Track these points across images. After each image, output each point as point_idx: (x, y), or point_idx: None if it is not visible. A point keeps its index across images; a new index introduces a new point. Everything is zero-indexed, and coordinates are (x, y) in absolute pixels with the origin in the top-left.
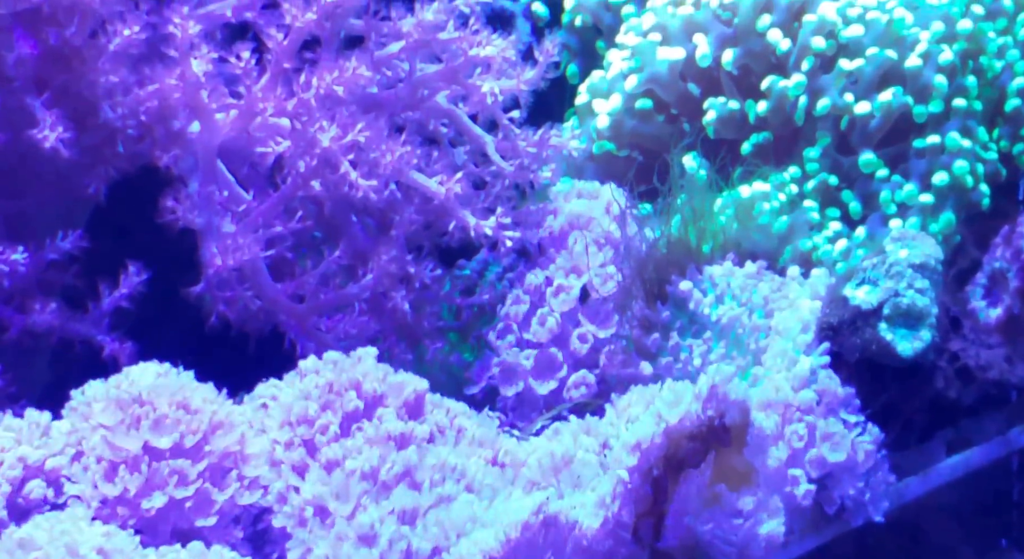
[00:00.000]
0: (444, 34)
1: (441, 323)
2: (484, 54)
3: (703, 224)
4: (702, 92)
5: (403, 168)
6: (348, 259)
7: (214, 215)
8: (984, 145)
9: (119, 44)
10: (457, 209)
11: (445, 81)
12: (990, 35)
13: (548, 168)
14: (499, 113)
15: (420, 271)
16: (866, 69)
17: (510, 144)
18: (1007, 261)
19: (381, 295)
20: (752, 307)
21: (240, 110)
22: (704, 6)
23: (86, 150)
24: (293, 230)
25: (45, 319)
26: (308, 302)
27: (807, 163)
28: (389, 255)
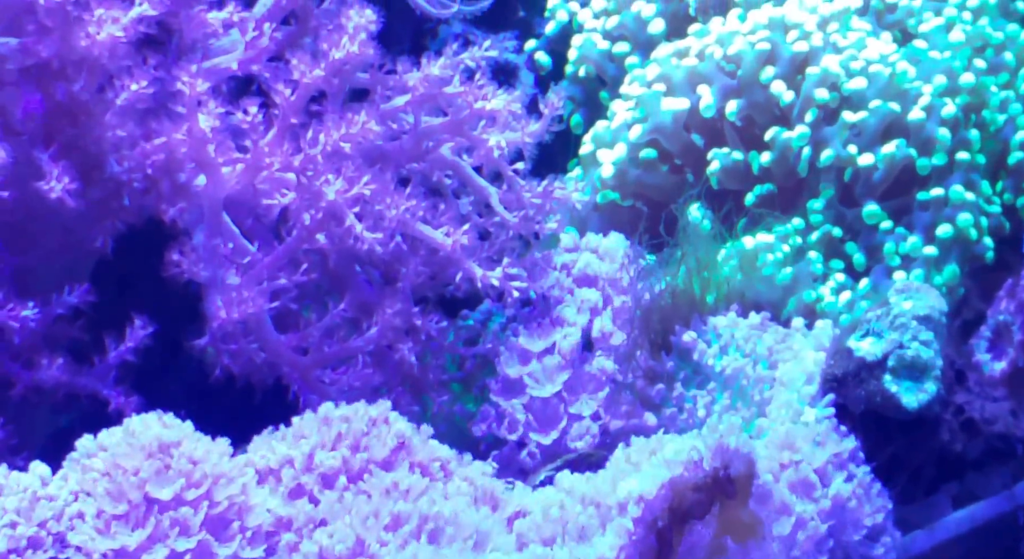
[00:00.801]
0: (450, 88)
1: (446, 376)
2: (490, 107)
3: (707, 275)
4: (706, 143)
5: (409, 220)
6: (353, 311)
7: (219, 268)
8: (988, 198)
9: (126, 99)
10: (464, 260)
11: (450, 133)
12: (992, 89)
13: (553, 219)
14: (503, 165)
15: (426, 323)
16: (869, 121)
17: (514, 195)
18: (1011, 314)
19: (386, 347)
20: (756, 358)
21: (246, 164)
22: (708, 57)
23: (92, 203)
24: (298, 282)
25: (52, 375)
26: (312, 355)
27: (811, 214)
28: (394, 308)
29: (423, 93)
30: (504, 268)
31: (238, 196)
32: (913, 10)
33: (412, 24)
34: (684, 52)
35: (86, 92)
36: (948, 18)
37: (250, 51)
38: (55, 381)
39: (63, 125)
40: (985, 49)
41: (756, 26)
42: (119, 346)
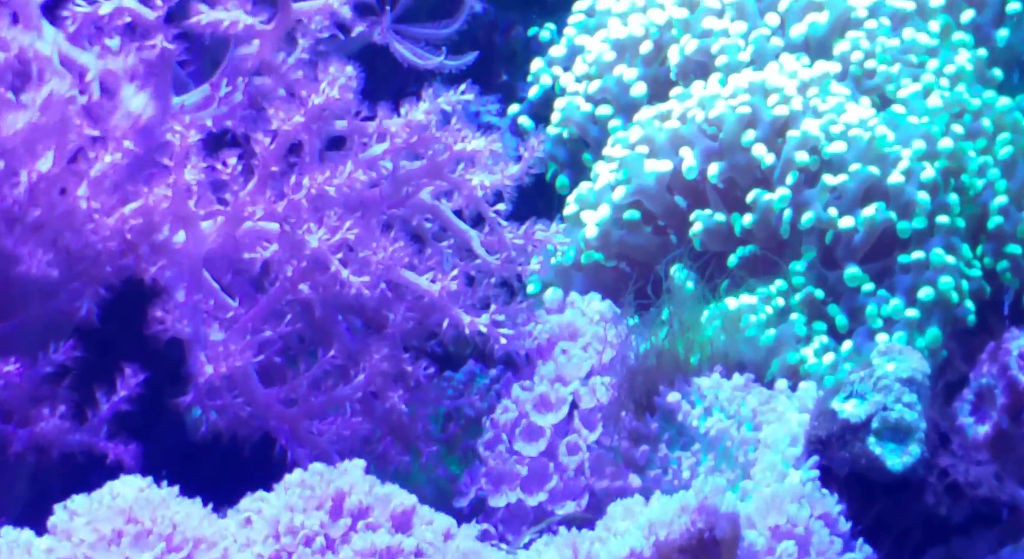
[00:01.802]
0: (428, 132)
1: (433, 428)
2: (471, 148)
3: (691, 336)
4: (689, 204)
5: (394, 266)
6: (340, 360)
7: (201, 324)
8: (968, 262)
9: (100, 170)
10: (450, 307)
11: (429, 177)
12: (971, 154)
13: (536, 260)
14: (485, 207)
15: (416, 370)
16: (849, 184)
17: (496, 237)
18: (994, 377)
19: (373, 396)
20: (740, 420)
21: (227, 216)
22: (690, 120)
23: (72, 274)
24: (282, 334)
25: (46, 432)
26: (299, 407)
27: (793, 276)
28: (381, 353)
29: (404, 139)
30: (491, 315)
31: (218, 251)
32: (891, 76)
33: (395, 86)
34: (666, 115)
35: (57, 166)
36: (926, 84)
37: (223, 107)
38: (49, 438)
39: (37, 200)
40: (963, 115)
41: (737, 90)
42: (111, 398)
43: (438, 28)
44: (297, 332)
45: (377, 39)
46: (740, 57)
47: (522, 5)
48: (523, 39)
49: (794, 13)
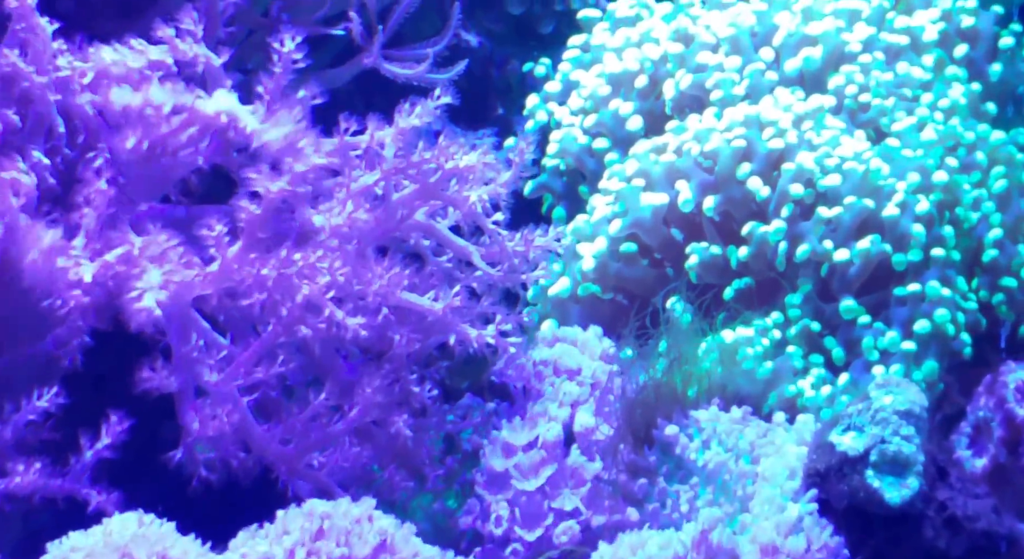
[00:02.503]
0: (416, 155)
1: (437, 451)
2: (463, 164)
3: (688, 368)
4: (685, 237)
5: (393, 291)
6: (336, 395)
7: (191, 377)
8: (964, 294)
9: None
10: (456, 323)
11: (422, 199)
12: (965, 187)
13: (540, 266)
14: (483, 219)
15: (421, 391)
16: (844, 217)
17: (498, 247)
18: (990, 410)
19: (374, 423)
20: (738, 453)
21: (212, 275)
22: (686, 154)
23: (55, 321)
24: (277, 373)
25: (26, 481)
26: (295, 444)
27: (789, 309)
28: (373, 385)
29: (392, 167)
30: (497, 326)
31: (210, 295)
32: (885, 109)
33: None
34: (662, 148)
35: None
36: (920, 117)
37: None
38: (30, 487)
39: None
40: (957, 148)
41: (732, 123)
42: (95, 444)
43: (430, 45)
44: (294, 368)
45: (367, 62)
46: (735, 91)
47: (518, 39)
48: (519, 73)
49: (788, 47)
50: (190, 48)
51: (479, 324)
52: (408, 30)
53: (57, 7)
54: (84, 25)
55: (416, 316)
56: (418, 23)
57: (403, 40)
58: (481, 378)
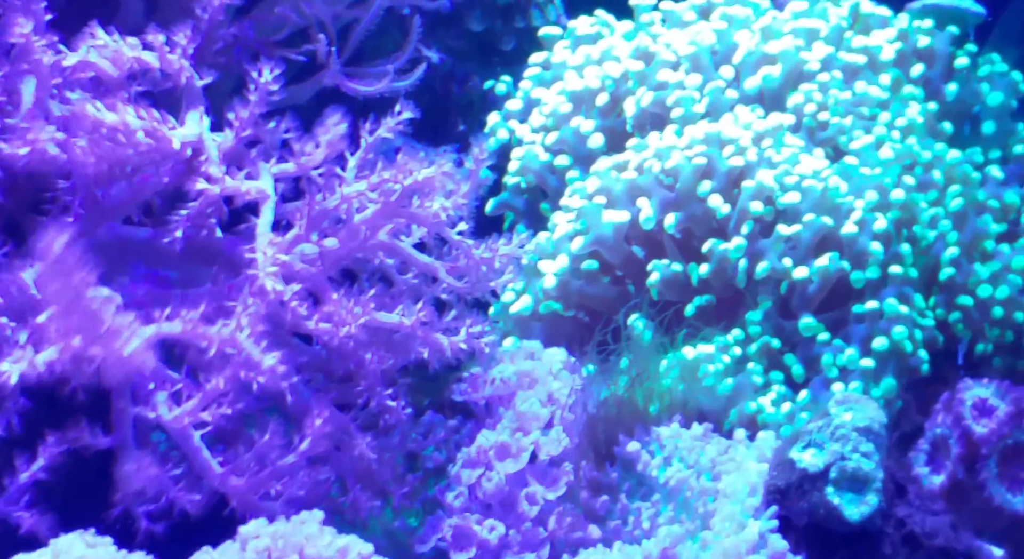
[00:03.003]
0: (375, 176)
1: (402, 469)
2: (422, 178)
3: (650, 385)
4: (646, 254)
5: (359, 314)
6: (281, 438)
7: (130, 434)
8: (921, 311)
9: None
10: (428, 335)
11: (385, 218)
12: (922, 205)
13: (508, 271)
14: (447, 231)
15: (397, 407)
16: (803, 234)
17: (464, 257)
18: (948, 427)
19: (336, 447)
20: (700, 469)
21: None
22: (647, 171)
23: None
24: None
25: None
26: (248, 480)
27: (749, 326)
28: (323, 416)
29: (353, 190)
30: (467, 329)
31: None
32: (844, 128)
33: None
34: (623, 166)
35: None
36: (878, 136)
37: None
38: None
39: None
40: (914, 167)
41: (693, 141)
42: (30, 466)
43: (391, 61)
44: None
45: (328, 81)
46: (695, 109)
47: (479, 56)
48: (480, 90)
49: (748, 66)
50: (177, 60)
51: (450, 333)
52: (369, 47)
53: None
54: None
55: (385, 334)
56: (379, 39)
57: (364, 57)
58: (443, 395)
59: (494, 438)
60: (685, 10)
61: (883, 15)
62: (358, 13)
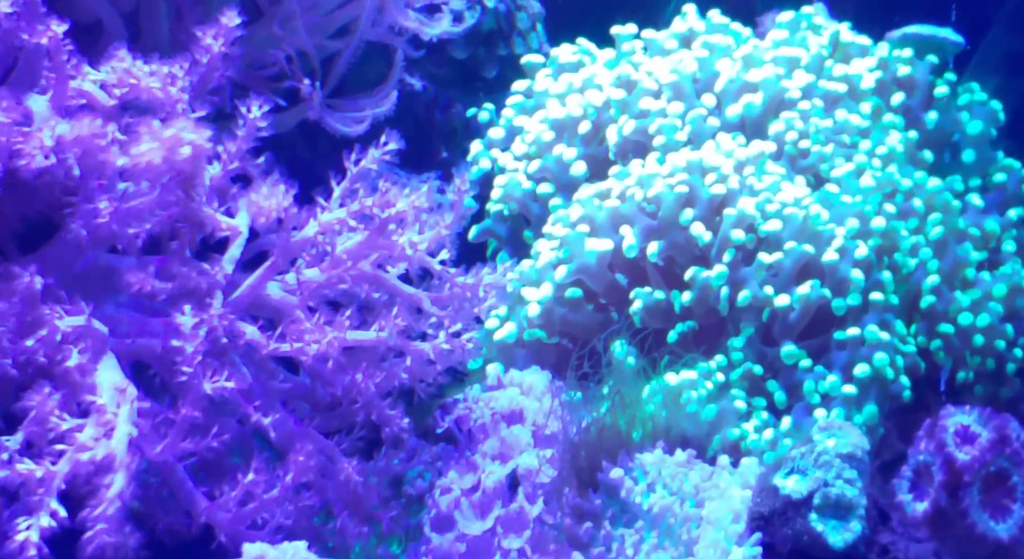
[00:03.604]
0: (355, 204)
1: (388, 492)
2: (405, 207)
3: (633, 411)
4: (629, 281)
5: (336, 343)
6: (263, 475)
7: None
8: (903, 338)
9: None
10: (408, 344)
11: (368, 248)
12: (903, 233)
13: (492, 296)
14: (428, 261)
15: (397, 416)
16: (785, 262)
17: (448, 286)
18: (931, 454)
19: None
20: (683, 496)
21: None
22: (629, 199)
23: None
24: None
25: None
26: (233, 515)
27: (732, 352)
28: (306, 450)
29: (333, 218)
30: (447, 331)
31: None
32: (825, 156)
33: (332, 162)
34: (606, 193)
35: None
36: (858, 164)
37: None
38: None
39: None
40: (895, 195)
41: (675, 169)
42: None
43: (372, 96)
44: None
45: (311, 115)
46: (677, 136)
47: (462, 83)
48: (463, 117)
49: (729, 94)
50: (176, 92)
51: (430, 339)
52: (352, 74)
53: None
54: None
55: (368, 355)
56: (362, 67)
57: (347, 85)
58: (426, 421)
59: (476, 465)
60: (667, 39)
61: (863, 44)
62: (341, 45)
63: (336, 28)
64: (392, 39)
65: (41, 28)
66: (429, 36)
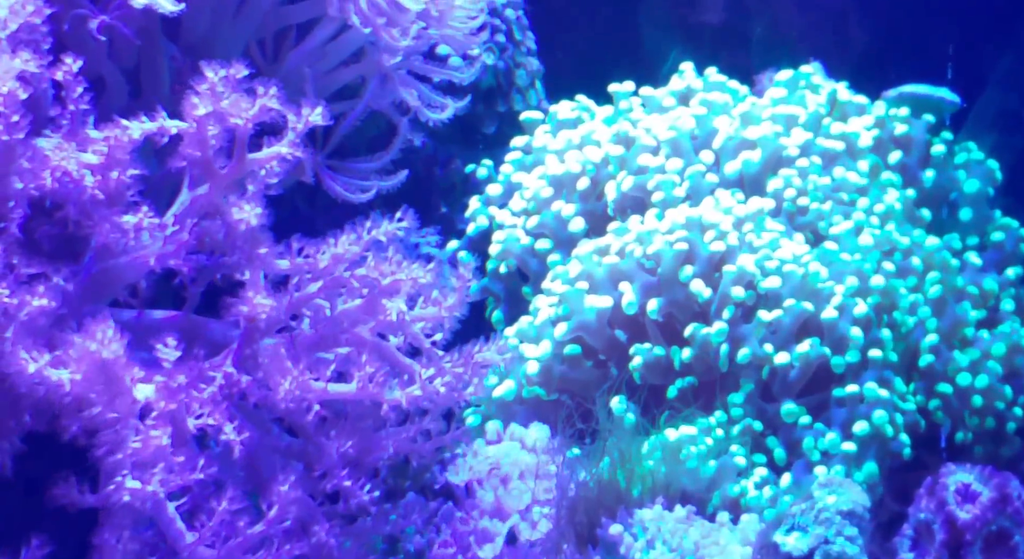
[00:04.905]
0: (361, 269)
1: (378, 553)
2: (406, 281)
3: (632, 467)
4: (629, 337)
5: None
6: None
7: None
8: (902, 396)
9: (28, 313)
10: (380, 395)
11: (367, 314)
12: (902, 291)
13: (474, 384)
14: (421, 340)
15: (354, 488)
16: (784, 319)
17: (435, 368)
18: (932, 512)
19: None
20: (683, 553)
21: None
22: (629, 255)
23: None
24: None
25: None
26: (217, 551)
27: (732, 409)
28: (288, 482)
29: (336, 275)
30: (437, 377)
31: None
32: (823, 213)
33: (332, 217)
34: (605, 250)
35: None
36: (857, 222)
37: (169, 245)
38: None
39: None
40: (893, 253)
41: (674, 225)
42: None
43: (373, 161)
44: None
45: (309, 178)
46: (676, 193)
47: (460, 139)
48: (461, 172)
49: (728, 151)
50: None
51: (420, 438)
52: (352, 130)
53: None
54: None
55: (351, 421)
56: (364, 124)
57: (347, 141)
58: (424, 477)
59: (474, 522)
60: (665, 96)
61: (860, 103)
62: (343, 106)
63: (337, 88)
64: (395, 115)
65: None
66: (428, 119)
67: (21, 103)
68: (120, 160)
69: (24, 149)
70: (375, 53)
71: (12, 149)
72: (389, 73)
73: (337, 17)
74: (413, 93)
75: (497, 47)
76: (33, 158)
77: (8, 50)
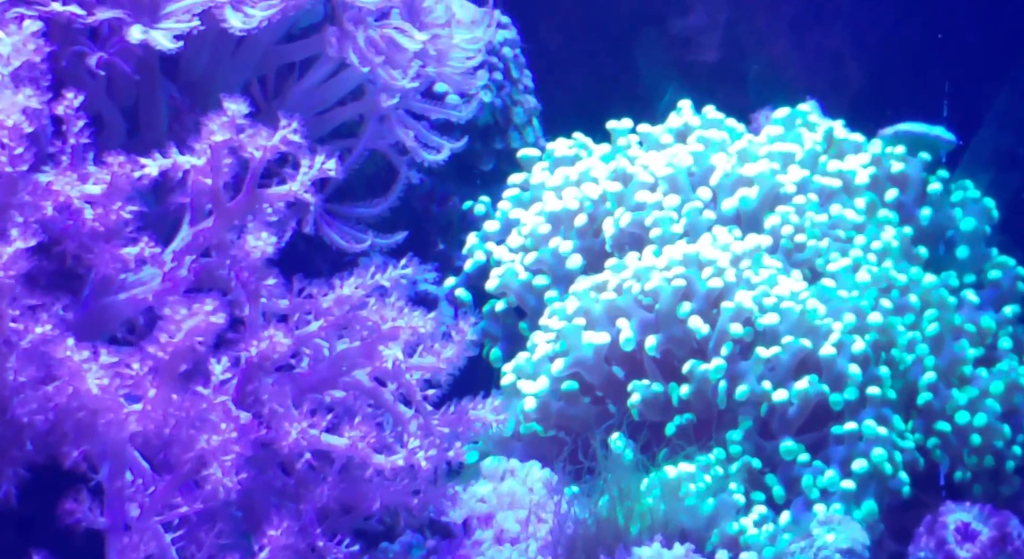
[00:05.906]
0: (364, 311)
1: None
2: (406, 328)
3: (630, 504)
4: (626, 374)
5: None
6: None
7: (121, 513)
8: (901, 434)
9: (31, 341)
10: (370, 457)
11: (366, 358)
12: (900, 328)
13: (462, 440)
14: (414, 391)
15: (329, 545)
16: (782, 356)
17: (424, 423)
18: (931, 551)
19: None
20: None
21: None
22: (626, 292)
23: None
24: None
25: None
26: None
27: (730, 446)
28: (281, 525)
29: (337, 317)
30: (423, 449)
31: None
32: (820, 250)
33: (331, 256)
34: (602, 286)
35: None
36: (855, 259)
37: (167, 283)
38: None
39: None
40: (891, 290)
41: (672, 262)
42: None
43: (371, 207)
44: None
45: (307, 229)
46: (673, 229)
47: (458, 176)
48: (459, 209)
49: (725, 187)
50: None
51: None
52: (352, 171)
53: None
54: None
55: (338, 473)
56: (362, 164)
57: (346, 180)
58: (420, 515)
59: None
60: (662, 133)
61: (857, 140)
62: (341, 145)
63: (334, 127)
64: (393, 155)
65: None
66: (424, 160)
67: (26, 136)
68: (121, 192)
69: (26, 183)
70: (373, 92)
71: (15, 182)
72: (387, 113)
73: (335, 56)
74: (410, 134)
75: (495, 85)
76: (34, 191)
77: (11, 85)
